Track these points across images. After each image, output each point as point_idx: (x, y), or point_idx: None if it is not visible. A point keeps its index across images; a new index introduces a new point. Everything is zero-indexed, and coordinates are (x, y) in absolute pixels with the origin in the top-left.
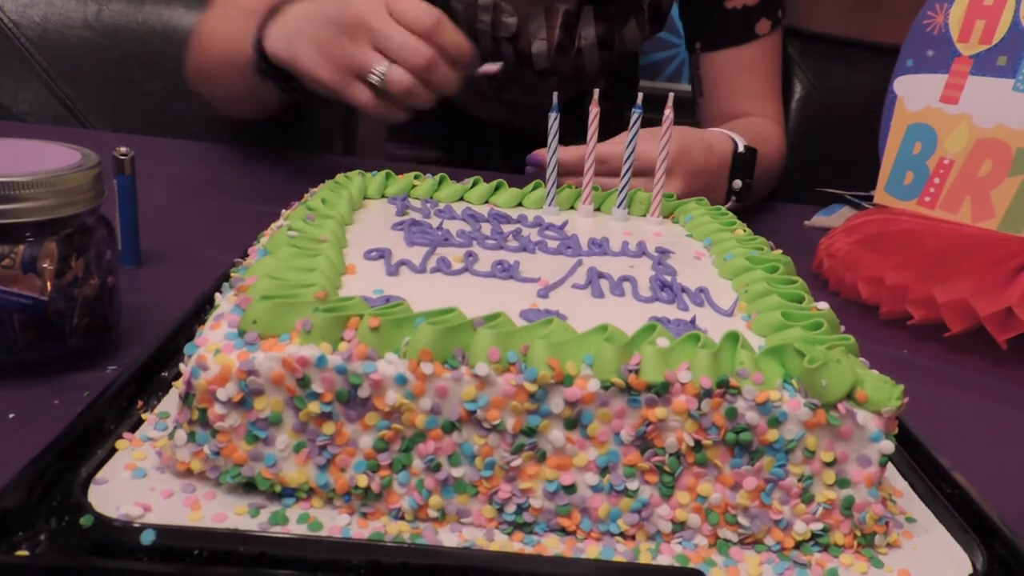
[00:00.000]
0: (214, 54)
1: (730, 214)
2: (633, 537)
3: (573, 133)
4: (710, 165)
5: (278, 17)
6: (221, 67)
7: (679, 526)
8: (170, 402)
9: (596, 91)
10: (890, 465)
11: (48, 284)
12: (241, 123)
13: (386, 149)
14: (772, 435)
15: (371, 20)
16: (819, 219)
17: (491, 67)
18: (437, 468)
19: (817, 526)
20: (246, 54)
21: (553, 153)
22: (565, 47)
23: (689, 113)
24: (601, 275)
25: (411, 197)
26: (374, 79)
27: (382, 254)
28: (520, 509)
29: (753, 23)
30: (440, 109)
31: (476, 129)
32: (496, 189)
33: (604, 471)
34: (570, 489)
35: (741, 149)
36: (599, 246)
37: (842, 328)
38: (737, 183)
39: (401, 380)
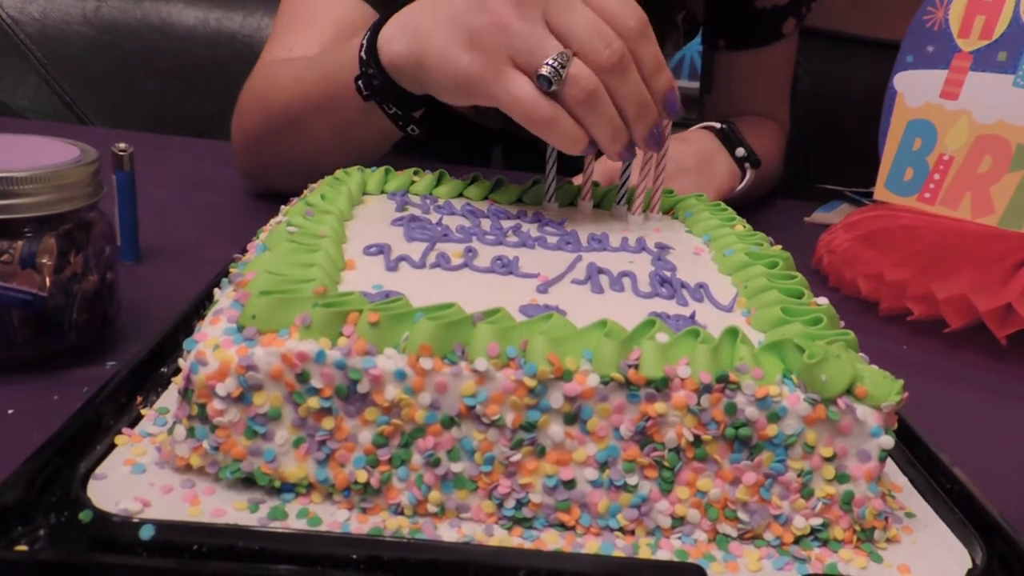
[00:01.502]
0: (302, 99)
1: (730, 210)
2: (632, 532)
3: None
4: (700, 148)
5: (394, 19)
6: (310, 108)
7: (678, 521)
8: (169, 398)
9: None
10: (890, 460)
11: (47, 280)
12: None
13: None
14: (771, 430)
15: None
16: (819, 215)
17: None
18: (436, 463)
19: (816, 521)
20: (347, 75)
21: (552, 150)
22: None
23: (688, 109)
24: (600, 271)
25: (410, 193)
26: (545, 70)
27: (381, 250)
28: (519, 504)
29: (781, 23)
30: (439, 116)
31: (476, 134)
32: (496, 185)
33: (603, 466)
34: (569, 484)
35: (719, 127)
36: (598, 242)
37: (842, 323)
38: (740, 151)
39: (400, 375)
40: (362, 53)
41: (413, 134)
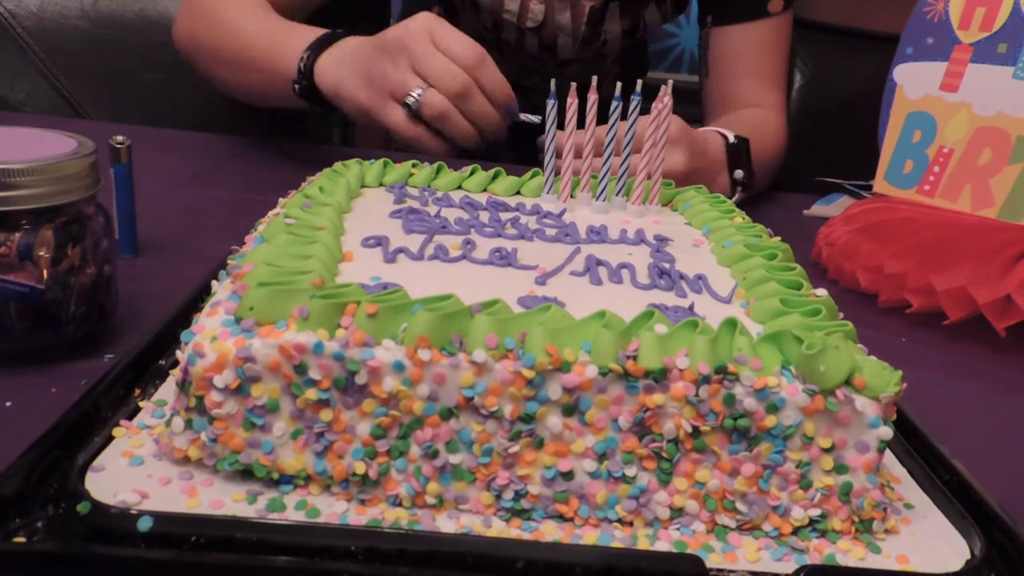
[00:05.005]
0: (242, 52)
1: (729, 202)
2: (631, 523)
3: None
4: (708, 150)
5: (332, 49)
6: (247, 66)
7: (677, 512)
8: (167, 390)
9: (595, 78)
10: (888, 451)
11: (44, 272)
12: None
13: (398, 142)
14: (770, 421)
15: (412, 44)
16: (818, 208)
17: (531, 117)
18: (435, 455)
19: (815, 512)
20: (286, 71)
21: (552, 141)
22: (590, 40)
23: (687, 103)
24: (599, 262)
25: (409, 185)
26: (410, 100)
27: (379, 242)
28: (518, 496)
29: (766, 0)
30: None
31: None
32: (494, 177)
33: (602, 457)
34: (568, 475)
35: (732, 140)
36: (597, 234)
37: (841, 315)
38: (739, 173)
39: (398, 367)
40: (301, 65)
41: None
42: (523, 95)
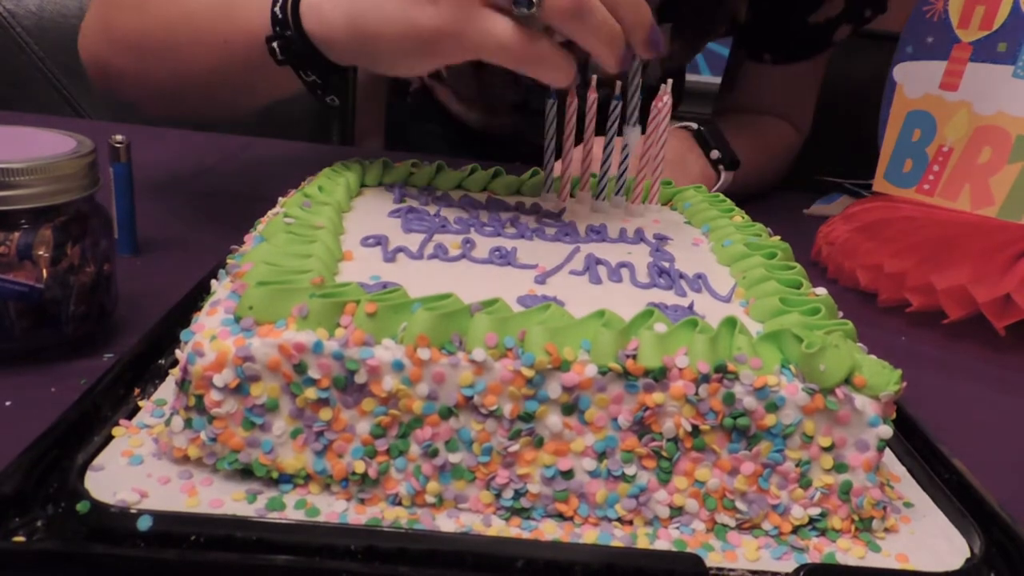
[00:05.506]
0: (195, 30)
1: (728, 200)
2: (631, 522)
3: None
4: (674, 136)
5: None
6: (206, 44)
7: (677, 511)
8: (167, 389)
9: (595, 78)
10: (888, 450)
11: (44, 271)
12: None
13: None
14: (770, 420)
15: None
16: (818, 207)
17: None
18: (434, 454)
19: (815, 511)
20: (250, 22)
21: (551, 140)
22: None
23: (688, 102)
24: (599, 261)
25: (408, 185)
26: (523, 10)
27: (379, 241)
28: (517, 495)
29: (831, 32)
30: (444, 121)
31: (480, 142)
32: (494, 176)
33: (602, 456)
34: (568, 474)
35: (695, 127)
36: (597, 233)
37: (840, 314)
38: (715, 153)
39: (398, 366)
40: (276, 9)
41: (333, 104)
42: (528, 116)
